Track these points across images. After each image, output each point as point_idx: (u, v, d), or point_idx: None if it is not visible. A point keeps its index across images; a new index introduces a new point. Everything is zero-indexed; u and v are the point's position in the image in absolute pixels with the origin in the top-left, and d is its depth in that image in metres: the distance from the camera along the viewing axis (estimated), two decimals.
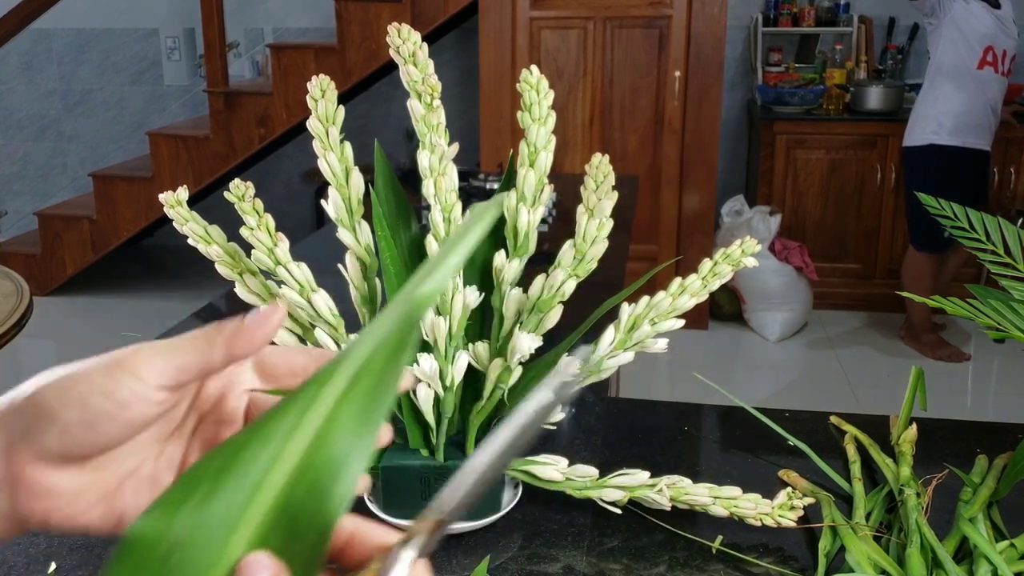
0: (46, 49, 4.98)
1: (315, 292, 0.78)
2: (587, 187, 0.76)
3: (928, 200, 0.90)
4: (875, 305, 4.10)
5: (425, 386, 0.77)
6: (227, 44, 4.16)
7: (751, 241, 0.79)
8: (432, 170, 0.77)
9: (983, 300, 0.80)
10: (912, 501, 0.79)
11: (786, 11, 4.29)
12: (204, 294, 4.11)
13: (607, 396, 1.11)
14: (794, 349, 3.79)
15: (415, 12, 3.79)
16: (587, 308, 0.82)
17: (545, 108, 0.78)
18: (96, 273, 4.55)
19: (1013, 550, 0.76)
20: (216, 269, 0.81)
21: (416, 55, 0.77)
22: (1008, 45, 3.39)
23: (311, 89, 0.77)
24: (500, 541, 0.81)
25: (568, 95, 3.79)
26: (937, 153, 3.43)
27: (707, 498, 0.81)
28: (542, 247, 0.82)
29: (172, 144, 4.18)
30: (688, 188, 3.85)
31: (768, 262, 3.71)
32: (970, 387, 3.47)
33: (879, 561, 0.74)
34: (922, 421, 0.95)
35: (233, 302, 1.54)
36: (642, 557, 0.79)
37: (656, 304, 0.79)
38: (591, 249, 0.77)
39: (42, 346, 3.96)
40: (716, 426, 1.07)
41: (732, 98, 4.49)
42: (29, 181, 5.22)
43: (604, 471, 0.84)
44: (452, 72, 4.57)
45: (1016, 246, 0.85)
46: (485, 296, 0.81)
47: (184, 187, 0.80)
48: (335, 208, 0.79)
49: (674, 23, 3.68)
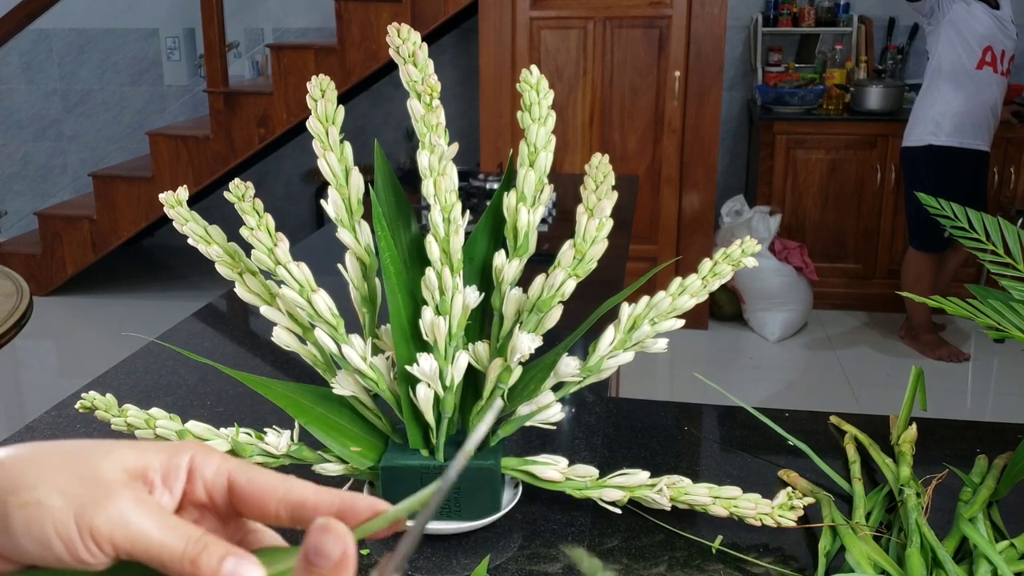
0: (46, 49, 4.98)
1: (315, 292, 0.78)
2: (587, 187, 0.76)
3: (928, 200, 0.90)
4: (875, 305, 4.10)
5: (425, 386, 0.77)
6: (227, 44, 4.15)
7: (751, 241, 0.79)
8: (432, 170, 0.77)
9: (983, 300, 0.80)
10: (912, 501, 0.79)
11: (786, 11, 4.29)
12: (204, 294, 4.11)
13: (607, 396, 1.11)
14: (794, 349, 3.80)
15: (415, 12, 3.79)
16: (587, 308, 0.82)
17: (545, 108, 0.78)
18: (96, 273, 4.55)
19: (1013, 550, 0.76)
20: (216, 269, 0.81)
21: (416, 55, 0.77)
22: (1007, 45, 3.39)
23: (311, 89, 0.77)
24: (500, 541, 0.81)
25: (568, 95, 3.79)
26: (936, 153, 3.43)
27: (707, 498, 0.81)
28: (542, 247, 0.82)
29: (172, 144, 4.18)
30: (688, 188, 3.85)
31: (768, 262, 3.71)
32: (970, 387, 3.47)
33: (879, 561, 0.74)
34: (922, 421, 0.95)
35: (233, 302, 1.54)
36: (642, 557, 0.79)
37: (656, 304, 0.79)
38: (591, 249, 0.77)
39: (42, 346, 3.96)
40: (716, 426, 1.07)
41: (732, 98, 4.49)
42: (29, 181, 5.22)
43: (604, 471, 0.84)
44: (452, 72, 4.57)
45: (1016, 246, 0.85)
46: (485, 296, 0.81)
47: (184, 187, 0.80)
48: (335, 208, 0.79)
49: (674, 23, 3.68)
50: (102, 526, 0.34)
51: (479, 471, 0.80)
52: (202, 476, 0.39)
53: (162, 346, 1.24)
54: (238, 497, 0.39)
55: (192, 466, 0.39)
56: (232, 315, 1.56)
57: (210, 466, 0.39)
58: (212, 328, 1.49)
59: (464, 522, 0.81)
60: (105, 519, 0.35)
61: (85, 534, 0.34)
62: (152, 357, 1.23)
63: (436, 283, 0.76)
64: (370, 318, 0.83)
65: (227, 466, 0.39)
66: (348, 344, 0.78)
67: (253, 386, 0.79)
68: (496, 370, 0.79)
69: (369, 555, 0.79)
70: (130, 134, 5.01)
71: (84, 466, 0.36)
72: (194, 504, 0.39)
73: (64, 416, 1.05)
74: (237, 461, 0.39)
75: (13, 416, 3.37)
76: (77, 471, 0.36)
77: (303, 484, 0.39)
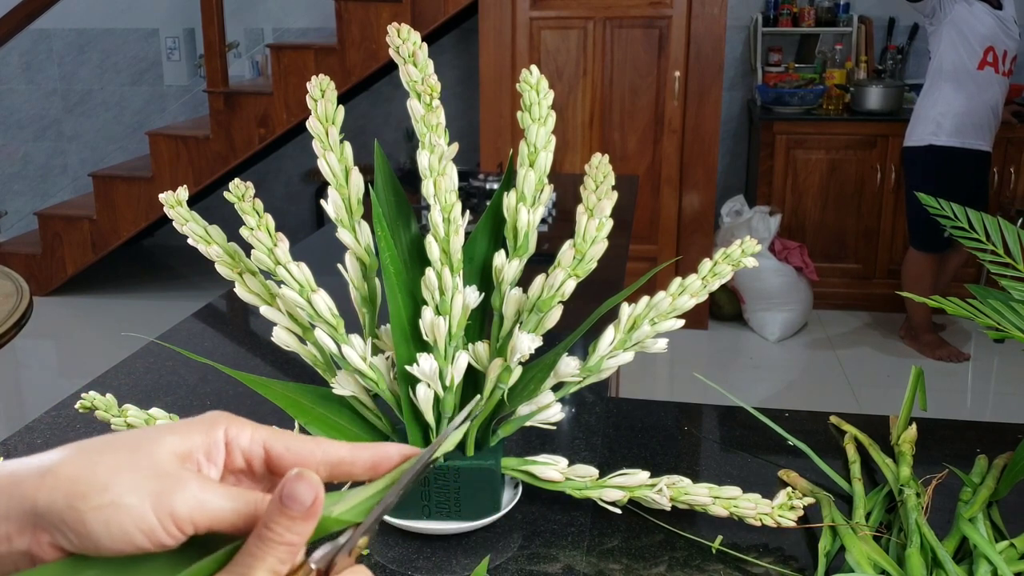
0: (46, 49, 4.98)
1: (315, 292, 0.78)
2: (587, 187, 0.76)
3: (928, 200, 0.90)
4: (875, 305, 4.10)
5: (425, 386, 0.77)
6: (227, 44, 4.15)
7: (751, 241, 0.79)
8: (432, 170, 0.77)
9: (983, 300, 0.80)
10: (912, 501, 0.79)
11: (786, 11, 4.29)
12: (204, 294, 4.12)
13: (607, 396, 1.11)
14: (794, 349, 3.80)
15: (415, 12, 3.79)
16: (587, 308, 0.82)
17: (545, 108, 0.78)
18: (96, 273, 4.55)
19: (1013, 550, 0.76)
20: (216, 269, 0.81)
21: (416, 55, 0.77)
22: (1009, 45, 3.39)
23: (311, 89, 0.77)
24: (500, 541, 0.81)
25: (568, 95, 3.79)
26: (937, 153, 3.43)
27: (707, 498, 0.81)
28: (542, 247, 0.82)
29: (172, 144, 4.18)
30: (688, 188, 3.85)
31: (768, 262, 3.71)
32: (970, 387, 3.47)
33: (879, 561, 0.74)
34: (922, 421, 0.95)
35: (233, 302, 1.54)
36: (642, 557, 0.79)
37: (656, 304, 0.79)
38: (591, 249, 0.77)
39: (42, 346, 3.96)
40: (716, 426, 1.07)
41: (732, 98, 4.49)
42: (29, 181, 5.22)
43: (604, 471, 0.84)
44: (452, 72, 4.57)
45: (1016, 246, 0.85)
46: (485, 296, 0.81)
47: (184, 187, 0.80)
48: (335, 208, 0.79)
49: (674, 23, 3.68)
50: (180, 509, 0.38)
51: (479, 471, 0.80)
52: (239, 446, 0.42)
53: (162, 346, 1.24)
54: (277, 463, 0.42)
55: (227, 439, 0.42)
56: (232, 315, 1.56)
57: (244, 436, 0.42)
58: (212, 328, 1.49)
59: (464, 522, 0.81)
60: (182, 504, 0.38)
61: (166, 520, 0.37)
62: (152, 357, 1.23)
63: (436, 283, 0.76)
64: (370, 318, 0.83)
65: (260, 435, 0.42)
66: (348, 344, 0.78)
67: (253, 386, 0.79)
68: (496, 370, 0.79)
69: (369, 555, 0.79)
70: (130, 134, 5.01)
71: (143, 459, 0.39)
72: (232, 472, 0.43)
73: (64, 416, 1.05)
74: (269, 429, 0.43)
75: (13, 416, 3.37)
76: (139, 466, 0.38)
77: (336, 443, 0.43)
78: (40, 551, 0.38)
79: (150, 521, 0.37)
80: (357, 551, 0.40)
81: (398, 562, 0.79)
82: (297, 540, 0.38)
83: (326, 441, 0.43)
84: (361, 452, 0.43)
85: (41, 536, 0.38)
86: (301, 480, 0.37)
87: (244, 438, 0.42)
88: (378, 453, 0.43)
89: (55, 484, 0.38)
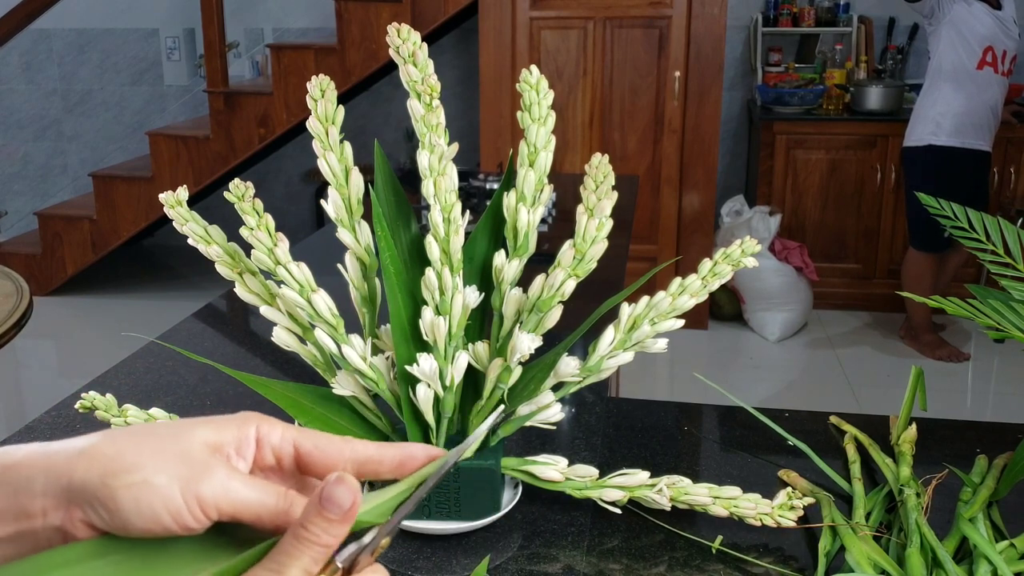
0: (46, 49, 4.98)
1: (315, 292, 0.78)
2: (587, 187, 0.76)
3: (928, 200, 0.90)
4: (875, 305, 4.10)
5: (425, 386, 0.77)
6: (227, 44, 4.15)
7: (751, 241, 0.79)
8: (432, 170, 0.77)
9: (983, 300, 0.80)
10: (912, 501, 0.79)
11: (786, 11, 4.29)
12: (204, 294, 4.12)
13: (607, 396, 1.11)
14: (794, 349, 3.80)
15: (415, 12, 3.79)
16: (587, 308, 0.82)
17: (545, 108, 0.78)
18: (96, 273, 4.55)
19: (1013, 550, 0.76)
20: (216, 269, 0.81)
21: (416, 55, 0.77)
22: (1008, 46, 3.39)
23: (311, 89, 0.77)
24: (500, 541, 0.81)
25: (568, 95, 3.79)
26: (936, 153, 3.43)
27: (707, 498, 0.81)
28: (542, 247, 0.82)
29: (172, 144, 4.18)
30: (688, 188, 3.85)
31: (768, 262, 3.71)
32: (970, 387, 3.47)
33: (879, 561, 0.74)
34: (922, 421, 0.95)
35: (233, 302, 1.54)
36: (642, 557, 0.79)
37: (656, 304, 0.79)
38: (591, 249, 0.77)
39: (42, 346, 3.96)
40: (716, 426, 1.07)
41: (732, 98, 4.49)
42: (29, 181, 5.22)
43: (604, 471, 0.84)
44: (452, 72, 4.57)
45: (1016, 246, 0.85)
46: (485, 296, 0.81)
47: (184, 187, 0.80)
48: (335, 208, 0.79)
49: (674, 23, 3.68)
50: (207, 494, 0.39)
51: (479, 471, 0.80)
52: (269, 444, 0.44)
53: (162, 346, 1.24)
54: (306, 461, 0.44)
55: (258, 436, 0.44)
56: (232, 315, 1.56)
57: (275, 435, 0.44)
58: (212, 328, 1.49)
59: (464, 522, 0.81)
60: (209, 488, 0.39)
61: (192, 503, 0.39)
62: (152, 357, 1.23)
63: (436, 283, 0.76)
64: (370, 318, 0.83)
65: (290, 435, 0.44)
66: (348, 344, 0.78)
67: (253, 386, 0.79)
68: (496, 370, 0.79)
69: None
70: (130, 134, 5.01)
71: (176, 445, 0.40)
72: (261, 468, 0.44)
73: (64, 416, 1.05)
74: (298, 429, 0.44)
75: (13, 416, 3.37)
76: (172, 451, 0.40)
77: (364, 442, 0.45)
78: (72, 527, 0.39)
79: (177, 502, 0.38)
80: (379, 551, 0.41)
81: (398, 562, 0.79)
82: (333, 542, 0.39)
83: (354, 440, 0.44)
84: (388, 451, 0.44)
85: (74, 512, 0.39)
86: (341, 484, 0.39)
87: (275, 436, 0.44)
88: (404, 453, 0.44)
89: (91, 462, 0.39)
